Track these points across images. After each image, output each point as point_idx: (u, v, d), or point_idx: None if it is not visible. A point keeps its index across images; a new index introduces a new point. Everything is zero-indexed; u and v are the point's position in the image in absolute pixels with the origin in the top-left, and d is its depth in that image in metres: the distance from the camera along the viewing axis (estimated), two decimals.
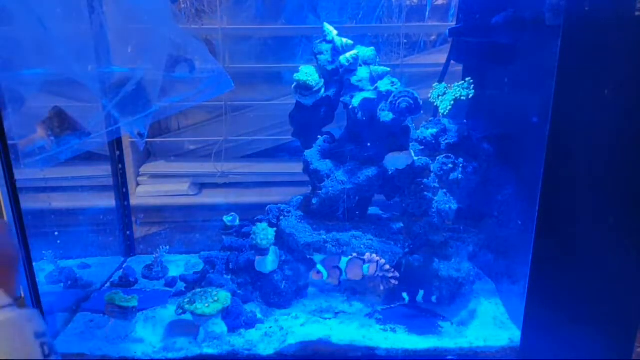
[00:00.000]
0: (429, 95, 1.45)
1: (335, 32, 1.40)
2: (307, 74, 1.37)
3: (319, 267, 1.29)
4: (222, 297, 1.25)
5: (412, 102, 1.23)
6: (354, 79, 1.37)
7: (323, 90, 1.41)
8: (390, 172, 1.35)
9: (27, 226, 1.06)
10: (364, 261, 1.29)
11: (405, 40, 2.01)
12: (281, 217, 1.47)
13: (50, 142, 1.01)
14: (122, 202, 1.70)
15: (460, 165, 1.37)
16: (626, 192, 1.02)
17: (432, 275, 1.33)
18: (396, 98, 1.24)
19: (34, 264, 1.09)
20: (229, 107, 2.08)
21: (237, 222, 1.54)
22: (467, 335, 1.27)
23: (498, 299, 1.41)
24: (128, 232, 1.74)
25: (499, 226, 1.40)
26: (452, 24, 1.86)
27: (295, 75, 1.38)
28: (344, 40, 1.38)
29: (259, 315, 1.33)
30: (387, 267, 1.30)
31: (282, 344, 1.22)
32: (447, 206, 1.32)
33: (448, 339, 1.25)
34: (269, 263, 1.34)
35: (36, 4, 0.97)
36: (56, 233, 1.50)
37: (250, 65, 2.09)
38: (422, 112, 1.28)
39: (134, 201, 1.85)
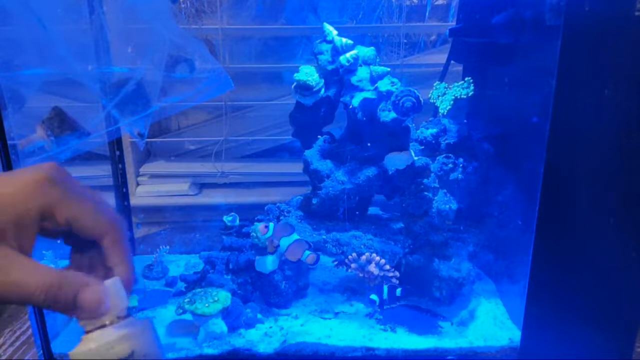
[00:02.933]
0: (429, 95, 1.45)
1: (335, 32, 1.40)
2: (307, 74, 1.37)
3: (271, 225, 1.28)
4: (222, 297, 1.25)
5: (415, 100, 1.23)
6: (354, 79, 1.37)
7: (323, 90, 1.41)
8: (390, 172, 1.35)
9: None
10: (309, 246, 1.27)
11: (405, 40, 2.01)
12: (281, 217, 1.47)
13: (50, 142, 1.01)
14: (122, 202, 1.70)
15: (460, 165, 1.37)
16: (627, 192, 1.02)
17: (432, 275, 1.34)
18: (399, 97, 1.24)
19: None
20: (229, 107, 2.08)
21: (237, 222, 1.54)
22: (467, 335, 1.27)
23: (498, 299, 1.41)
24: (128, 232, 1.74)
25: (499, 226, 1.40)
26: (452, 24, 1.86)
27: (295, 75, 1.38)
28: (344, 40, 1.38)
29: (259, 315, 1.33)
30: (387, 267, 1.30)
31: (282, 344, 1.23)
32: (447, 206, 1.32)
33: (448, 339, 1.25)
34: (269, 263, 1.34)
35: (36, 4, 0.97)
36: None
37: (250, 65, 2.09)
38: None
39: (134, 201, 1.85)
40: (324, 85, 1.41)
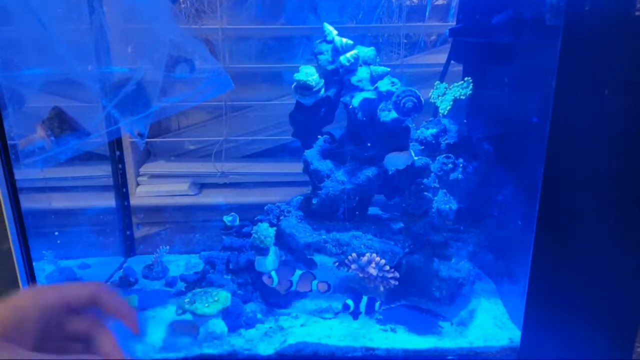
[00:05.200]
0: (429, 95, 1.45)
1: (335, 32, 1.40)
2: (307, 74, 1.37)
3: (273, 274, 1.31)
4: (222, 297, 1.25)
5: (416, 100, 1.23)
6: (354, 79, 1.37)
7: (323, 90, 1.41)
8: (390, 172, 1.35)
9: (27, 226, 1.06)
10: (314, 277, 1.31)
11: (405, 40, 2.01)
12: (281, 217, 1.47)
13: (50, 142, 1.01)
14: (122, 202, 1.70)
15: (460, 165, 1.37)
16: (626, 192, 1.02)
17: (432, 275, 1.34)
18: (400, 97, 1.24)
19: (34, 264, 1.09)
20: (229, 107, 2.08)
21: (237, 222, 1.54)
22: (467, 335, 1.27)
23: (498, 299, 1.41)
24: (128, 232, 1.74)
25: (499, 226, 1.40)
26: (452, 24, 1.86)
27: (295, 75, 1.38)
28: (344, 40, 1.38)
29: (259, 315, 1.33)
30: (387, 267, 1.30)
31: (282, 344, 1.23)
32: (447, 206, 1.32)
33: (448, 339, 1.25)
34: (269, 263, 1.34)
35: (36, 4, 0.97)
36: (56, 233, 1.50)
37: (250, 65, 2.08)
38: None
39: (134, 201, 1.85)
40: (324, 85, 1.40)
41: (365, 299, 1.29)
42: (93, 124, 1.09)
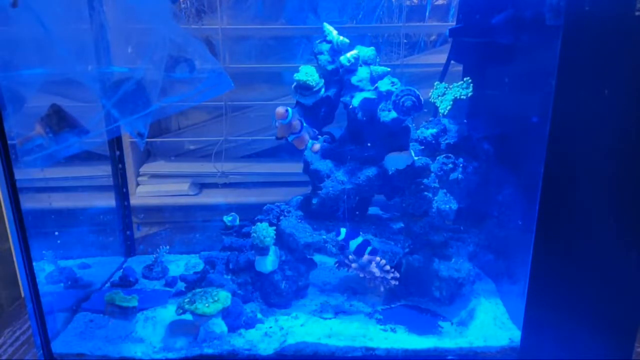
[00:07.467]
0: (429, 95, 1.45)
1: (335, 32, 1.40)
2: (307, 74, 1.37)
3: (290, 110, 1.29)
4: (222, 297, 1.25)
5: (415, 100, 1.23)
6: (354, 79, 1.37)
7: (323, 90, 1.41)
8: (390, 172, 1.35)
9: (27, 226, 1.06)
10: (315, 137, 1.32)
11: (405, 40, 2.01)
12: (281, 217, 1.47)
13: (48, 140, 1.01)
14: (122, 202, 1.70)
15: (460, 165, 1.37)
16: (626, 192, 1.02)
17: (432, 275, 1.34)
18: (399, 97, 1.24)
19: (34, 264, 1.09)
20: (229, 107, 2.08)
21: (237, 222, 1.54)
22: (467, 335, 1.27)
23: (498, 299, 1.41)
24: (128, 232, 1.74)
25: (499, 226, 1.40)
26: (452, 24, 1.86)
27: (295, 75, 1.38)
28: (341, 37, 1.38)
29: (259, 315, 1.33)
30: (387, 267, 1.30)
31: (282, 344, 1.23)
32: (447, 206, 1.32)
33: (448, 339, 1.25)
34: (269, 263, 1.34)
35: (36, 4, 0.97)
36: (56, 233, 1.50)
37: (250, 65, 2.09)
38: (424, 110, 1.28)
39: (134, 201, 1.85)
40: (324, 85, 1.40)
41: (360, 239, 1.29)
42: (93, 123, 1.09)
